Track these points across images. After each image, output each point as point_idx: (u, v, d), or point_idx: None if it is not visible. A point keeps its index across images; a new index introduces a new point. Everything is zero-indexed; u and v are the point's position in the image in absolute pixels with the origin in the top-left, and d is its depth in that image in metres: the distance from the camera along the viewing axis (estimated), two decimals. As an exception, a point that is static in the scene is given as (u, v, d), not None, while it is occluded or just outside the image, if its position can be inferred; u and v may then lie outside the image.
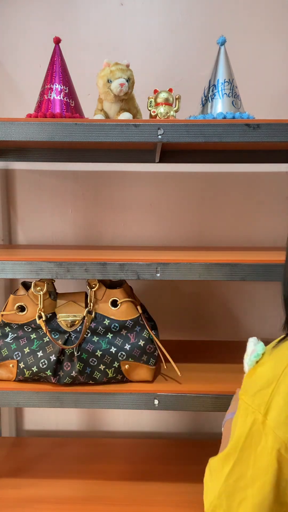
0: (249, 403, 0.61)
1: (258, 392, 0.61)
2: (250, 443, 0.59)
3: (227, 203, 1.35)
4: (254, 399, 0.61)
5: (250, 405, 0.61)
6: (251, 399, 0.61)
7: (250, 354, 0.68)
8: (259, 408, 0.59)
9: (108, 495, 1.14)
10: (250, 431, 0.60)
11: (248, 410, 0.61)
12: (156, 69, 1.29)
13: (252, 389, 0.62)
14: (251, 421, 0.60)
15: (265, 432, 0.58)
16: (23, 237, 1.40)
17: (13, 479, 1.20)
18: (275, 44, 1.27)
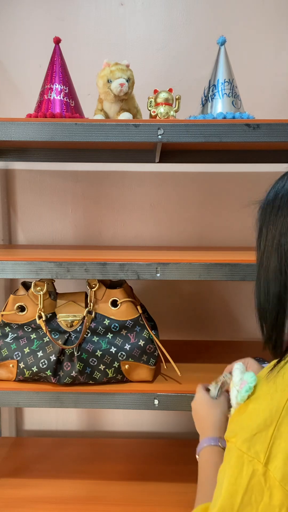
0: (243, 450, 0.51)
1: (254, 435, 0.51)
2: (250, 500, 0.49)
3: (227, 203, 1.35)
4: (250, 444, 0.51)
5: (245, 452, 0.50)
6: (245, 445, 0.51)
7: (240, 387, 0.58)
8: (257, 456, 0.49)
9: (108, 495, 1.14)
10: (248, 486, 0.50)
11: (243, 458, 0.51)
12: (156, 69, 1.29)
13: (246, 432, 0.52)
14: (249, 473, 0.50)
15: (269, 486, 0.48)
16: (23, 237, 1.40)
17: (13, 479, 1.20)
18: (275, 44, 1.27)
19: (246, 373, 0.59)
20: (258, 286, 0.63)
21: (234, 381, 0.60)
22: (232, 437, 0.54)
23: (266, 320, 0.63)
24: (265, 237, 0.61)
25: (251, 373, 0.58)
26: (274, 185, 0.63)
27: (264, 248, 0.61)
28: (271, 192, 0.63)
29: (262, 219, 0.62)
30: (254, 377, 0.57)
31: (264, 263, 0.61)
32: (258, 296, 0.64)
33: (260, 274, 0.62)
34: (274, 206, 0.60)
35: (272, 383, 0.54)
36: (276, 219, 0.59)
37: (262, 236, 0.61)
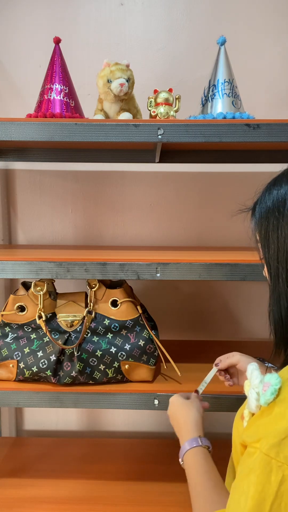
0: (271, 455, 0.49)
1: (283, 440, 0.49)
2: (279, 507, 0.48)
3: (227, 203, 1.35)
4: (279, 450, 0.49)
5: (274, 457, 0.49)
6: (274, 450, 0.49)
7: (263, 390, 0.55)
8: (287, 461, 0.48)
9: (108, 495, 1.14)
10: (278, 492, 0.48)
11: (271, 464, 0.49)
12: (156, 69, 1.29)
13: (273, 436, 0.50)
14: (278, 478, 0.48)
15: None
16: (23, 237, 1.40)
17: (13, 479, 1.20)
18: (275, 44, 1.27)
19: (268, 375, 0.56)
20: (277, 301, 0.60)
21: (253, 383, 0.58)
22: (255, 442, 0.52)
23: (284, 331, 0.61)
24: (276, 248, 0.60)
25: (274, 374, 0.55)
26: (269, 192, 0.62)
27: (277, 259, 0.60)
28: (267, 199, 0.62)
29: (265, 227, 0.62)
30: (278, 379, 0.54)
31: (282, 276, 0.59)
32: (278, 311, 0.60)
33: (280, 287, 0.60)
34: (279, 213, 0.59)
35: None
36: (284, 227, 0.58)
37: (270, 246, 0.61)
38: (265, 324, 0.64)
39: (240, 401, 0.96)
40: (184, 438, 0.75)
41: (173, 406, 0.82)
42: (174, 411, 0.82)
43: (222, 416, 1.45)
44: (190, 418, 0.78)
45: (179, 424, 0.79)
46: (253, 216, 0.65)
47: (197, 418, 0.78)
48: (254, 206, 0.66)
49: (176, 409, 0.81)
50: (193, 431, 0.76)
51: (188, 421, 0.77)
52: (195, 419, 0.78)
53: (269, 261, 0.62)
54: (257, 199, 0.66)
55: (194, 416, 0.78)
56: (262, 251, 0.63)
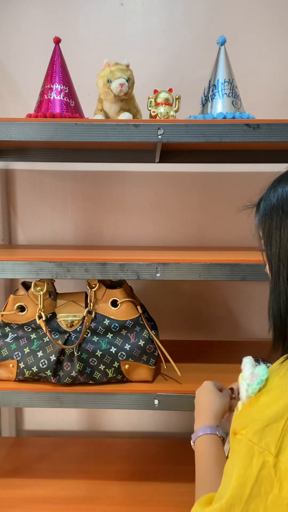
0: (254, 441, 0.51)
1: (265, 427, 0.51)
2: (259, 491, 0.50)
3: (227, 203, 1.35)
4: (261, 436, 0.51)
5: (256, 443, 0.51)
6: (256, 436, 0.51)
7: (252, 380, 0.57)
8: (268, 448, 0.50)
9: (108, 495, 1.14)
10: (258, 476, 0.50)
11: (254, 450, 0.51)
12: (156, 69, 1.29)
13: (257, 423, 0.52)
14: (259, 464, 0.50)
15: (279, 477, 0.49)
16: (23, 237, 1.40)
17: (13, 479, 1.20)
18: (275, 44, 1.27)
19: (258, 367, 0.59)
20: (277, 298, 0.61)
21: (244, 375, 0.60)
22: (241, 429, 0.54)
23: (283, 327, 0.61)
24: (278, 246, 0.60)
25: (262, 366, 0.58)
26: (274, 189, 0.62)
27: (279, 257, 0.60)
28: (272, 196, 0.62)
29: (269, 225, 0.62)
30: (265, 370, 0.57)
31: (283, 274, 0.59)
32: (277, 309, 0.61)
33: (280, 285, 0.60)
34: (282, 211, 0.59)
35: (284, 376, 0.55)
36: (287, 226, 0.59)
37: (273, 243, 0.61)
38: (265, 324, 0.64)
39: (240, 401, 0.96)
40: (202, 422, 0.76)
41: (204, 389, 0.83)
42: (202, 393, 0.82)
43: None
44: (214, 406, 0.78)
45: (201, 408, 0.79)
46: (257, 213, 0.66)
47: (221, 410, 0.78)
48: (259, 203, 0.66)
49: (205, 392, 0.81)
50: (213, 419, 0.76)
51: (212, 408, 0.78)
52: (219, 409, 0.78)
53: (270, 258, 0.62)
54: (262, 195, 0.66)
55: (219, 406, 0.78)
56: (265, 248, 0.63)
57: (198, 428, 0.75)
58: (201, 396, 0.82)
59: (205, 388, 0.83)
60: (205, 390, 0.82)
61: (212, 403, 0.79)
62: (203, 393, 0.82)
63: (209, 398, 0.80)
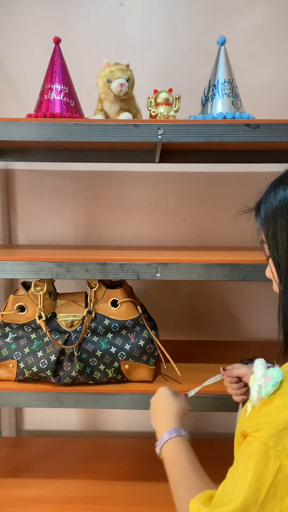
0: (270, 444, 0.51)
1: (281, 431, 0.51)
2: (275, 494, 0.50)
3: (227, 203, 1.35)
4: (277, 439, 0.51)
5: (272, 447, 0.51)
6: (272, 440, 0.51)
7: (265, 382, 0.57)
8: (285, 451, 0.50)
9: (108, 495, 1.14)
10: (274, 480, 0.50)
11: (270, 453, 0.51)
12: (156, 69, 1.29)
13: (272, 427, 0.52)
14: (275, 467, 0.50)
15: None
16: (23, 237, 1.40)
17: (13, 479, 1.20)
18: (275, 44, 1.27)
19: (271, 369, 0.58)
20: (284, 312, 0.61)
21: (256, 376, 0.59)
22: (254, 432, 0.54)
23: None
24: (285, 248, 0.60)
25: (276, 368, 0.57)
26: (275, 192, 0.62)
27: (287, 259, 0.60)
28: (273, 199, 0.62)
29: (273, 227, 0.61)
30: (280, 373, 0.56)
31: None
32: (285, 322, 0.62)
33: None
34: (287, 213, 0.59)
35: None
36: None
37: (279, 246, 0.61)
38: (265, 324, 0.64)
39: (240, 401, 0.96)
40: (165, 428, 0.75)
41: (160, 396, 0.82)
42: (158, 399, 0.82)
43: (222, 416, 1.46)
44: (176, 410, 0.78)
45: (160, 413, 0.79)
46: (258, 216, 0.65)
47: (181, 412, 0.78)
48: (258, 206, 0.65)
49: (162, 398, 0.81)
50: (175, 421, 0.76)
51: (174, 412, 0.77)
52: (178, 412, 0.78)
53: (278, 261, 0.62)
54: (260, 198, 0.65)
55: (177, 410, 0.78)
56: (270, 251, 0.63)
57: (163, 434, 0.74)
58: (158, 403, 0.81)
59: (161, 395, 0.82)
60: (161, 396, 0.82)
61: (171, 407, 0.78)
62: (159, 400, 0.81)
63: (167, 403, 0.79)
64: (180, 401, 0.81)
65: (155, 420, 0.79)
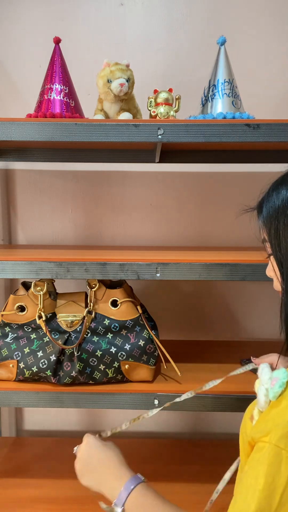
0: (281, 446, 0.50)
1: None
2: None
3: (227, 203, 1.35)
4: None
5: (284, 448, 0.49)
6: (283, 441, 0.50)
7: (272, 384, 0.56)
8: None
9: (108, 495, 1.14)
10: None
11: (281, 455, 0.49)
12: (156, 69, 1.29)
13: (282, 428, 0.51)
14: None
15: None
16: (23, 237, 1.40)
17: (13, 479, 1.20)
18: (275, 44, 1.27)
19: (276, 370, 0.57)
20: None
21: (263, 380, 0.59)
22: (263, 436, 0.52)
23: None
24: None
25: (282, 369, 0.57)
26: (277, 191, 0.62)
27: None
28: (275, 198, 0.62)
29: (275, 227, 0.61)
30: (286, 373, 0.56)
31: None
32: None
33: None
34: None
35: None
36: None
37: (282, 245, 0.61)
38: (265, 324, 0.64)
39: (240, 401, 0.97)
40: (117, 483, 0.66)
41: (90, 447, 0.73)
42: (91, 453, 0.72)
43: (222, 416, 1.46)
44: (114, 458, 0.70)
45: (101, 468, 0.70)
46: (260, 215, 0.65)
47: (121, 458, 0.72)
48: (260, 205, 0.66)
49: (95, 450, 0.72)
50: (125, 470, 0.68)
51: (113, 461, 0.70)
52: (120, 459, 0.71)
53: (280, 259, 0.62)
54: (262, 197, 0.66)
55: (118, 457, 0.71)
56: (273, 250, 0.63)
57: (120, 492, 0.65)
58: (93, 457, 0.72)
59: (91, 445, 0.73)
60: (92, 448, 0.73)
61: (111, 457, 0.71)
62: (92, 452, 0.72)
63: (103, 455, 0.71)
64: (113, 447, 0.74)
65: (93, 478, 0.70)
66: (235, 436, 0.79)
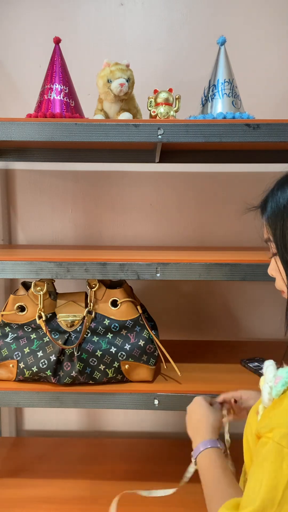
0: (283, 444, 0.52)
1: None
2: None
3: (227, 203, 1.35)
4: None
5: (285, 446, 0.51)
6: (285, 439, 0.52)
7: (275, 382, 0.57)
8: None
9: (108, 495, 1.14)
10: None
11: (283, 453, 0.51)
12: (156, 69, 1.29)
13: (285, 426, 0.53)
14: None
15: None
16: (23, 237, 1.40)
17: (13, 479, 1.20)
18: (275, 44, 1.27)
19: (281, 369, 0.59)
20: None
21: (267, 378, 0.60)
22: (267, 432, 0.54)
23: None
24: None
25: (286, 368, 0.58)
26: (282, 190, 0.62)
27: None
28: (281, 197, 0.62)
29: (281, 226, 0.61)
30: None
31: None
32: None
33: None
34: None
35: None
36: None
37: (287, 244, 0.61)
38: (265, 324, 0.64)
39: (240, 401, 0.96)
40: (202, 437, 0.74)
41: (196, 405, 0.82)
42: (194, 409, 0.81)
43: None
44: (211, 421, 0.77)
45: (196, 423, 0.78)
46: (265, 214, 0.65)
47: (216, 423, 0.78)
48: (265, 203, 0.65)
49: (198, 408, 0.81)
50: (210, 432, 0.75)
51: (209, 423, 0.77)
52: (215, 424, 0.77)
53: (287, 259, 0.62)
54: (266, 196, 0.65)
55: (214, 421, 0.78)
56: (278, 250, 0.63)
57: (198, 444, 0.74)
58: (194, 413, 0.81)
59: (197, 404, 0.82)
60: (197, 405, 0.81)
61: (207, 418, 0.78)
62: (196, 409, 0.81)
63: (203, 413, 0.79)
64: (215, 412, 0.80)
65: (190, 429, 0.79)
66: (235, 436, 0.79)
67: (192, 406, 0.83)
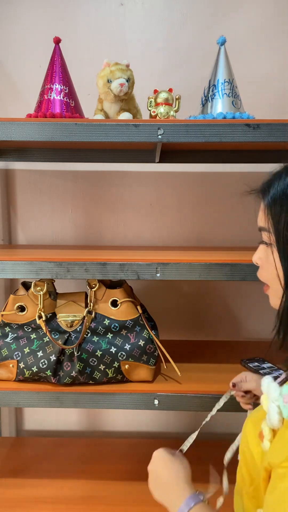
0: None
1: None
2: None
3: (227, 203, 1.35)
4: None
5: None
6: None
7: (285, 402, 0.52)
8: None
9: (108, 495, 1.14)
10: None
11: None
12: (156, 69, 1.29)
13: None
14: None
15: None
16: (23, 237, 1.40)
17: (13, 479, 1.20)
18: (275, 44, 1.27)
19: (285, 386, 0.53)
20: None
21: (271, 396, 0.54)
22: (284, 462, 0.48)
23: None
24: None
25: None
26: (280, 178, 0.59)
27: None
28: (278, 187, 0.58)
29: (279, 212, 0.57)
30: None
31: None
32: None
33: None
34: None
35: None
36: None
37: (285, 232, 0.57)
38: (265, 324, 0.63)
39: (240, 401, 0.96)
40: (178, 497, 0.65)
41: (158, 462, 0.73)
42: (158, 468, 0.72)
43: (222, 416, 1.45)
44: (180, 475, 0.69)
45: (166, 484, 0.69)
46: (265, 199, 0.61)
47: (188, 474, 0.70)
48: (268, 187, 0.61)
49: (162, 465, 0.72)
50: (188, 487, 0.67)
51: (179, 478, 0.68)
52: (185, 476, 0.69)
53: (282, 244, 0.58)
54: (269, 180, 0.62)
55: (184, 472, 0.70)
56: (279, 241, 0.59)
57: (180, 506, 0.64)
58: (160, 472, 0.72)
59: (159, 460, 0.73)
60: (159, 462, 0.73)
61: (177, 473, 0.69)
62: (159, 467, 0.72)
63: (170, 469, 0.71)
64: (182, 461, 0.73)
65: (160, 491, 0.70)
66: (235, 436, 0.79)
67: (154, 465, 0.73)
